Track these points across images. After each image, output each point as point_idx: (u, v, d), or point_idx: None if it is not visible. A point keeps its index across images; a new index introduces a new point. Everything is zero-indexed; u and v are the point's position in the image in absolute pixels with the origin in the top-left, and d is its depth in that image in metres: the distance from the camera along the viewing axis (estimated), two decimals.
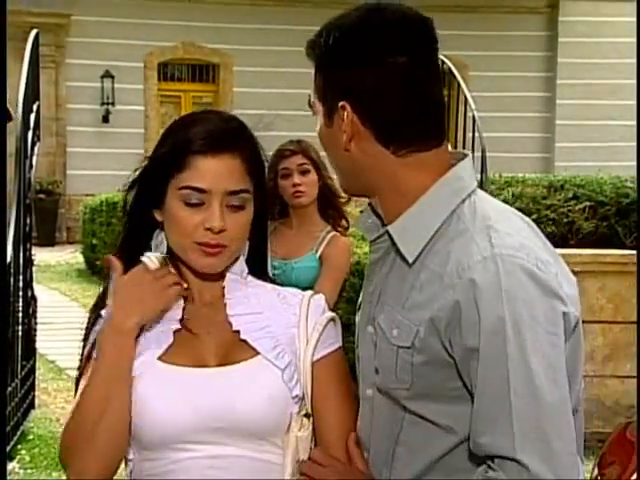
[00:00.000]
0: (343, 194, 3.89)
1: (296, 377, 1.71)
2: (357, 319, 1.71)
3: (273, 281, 1.88)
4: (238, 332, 1.74)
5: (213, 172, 1.70)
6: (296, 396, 1.70)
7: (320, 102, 1.63)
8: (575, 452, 1.46)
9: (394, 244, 1.60)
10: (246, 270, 1.82)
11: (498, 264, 1.47)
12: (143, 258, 1.72)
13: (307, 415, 1.72)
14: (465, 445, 1.53)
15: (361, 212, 1.72)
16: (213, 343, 1.74)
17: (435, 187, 1.58)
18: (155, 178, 1.74)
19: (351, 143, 1.58)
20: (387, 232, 1.61)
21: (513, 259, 1.48)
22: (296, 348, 1.74)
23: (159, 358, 1.71)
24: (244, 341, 1.73)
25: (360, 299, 1.72)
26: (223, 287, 1.79)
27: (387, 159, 1.58)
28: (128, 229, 1.82)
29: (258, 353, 1.71)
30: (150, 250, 1.77)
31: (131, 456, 1.74)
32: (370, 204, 1.69)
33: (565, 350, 1.49)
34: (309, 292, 1.83)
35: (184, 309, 1.77)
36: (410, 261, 1.57)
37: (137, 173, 1.80)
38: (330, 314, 1.79)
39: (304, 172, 3.88)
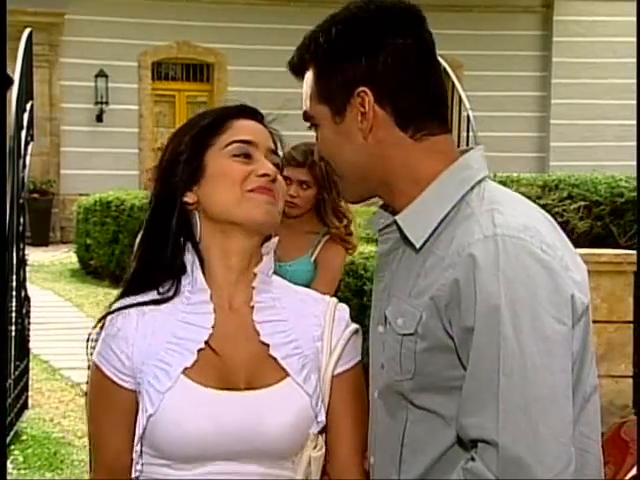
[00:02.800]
0: (347, 218, 3.85)
1: (321, 400, 1.71)
2: (370, 323, 1.69)
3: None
4: (266, 344, 1.72)
5: (254, 128, 1.78)
6: (320, 421, 1.70)
7: (323, 103, 1.61)
8: (567, 443, 1.43)
9: (402, 234, 1.59)
10: (272, 268, 1.79)
11: (498, 244, 1.46)
12: None
13: (322, 430, 1.71)
14: None
15: (373, 214, 1.71)
16: (241, 361, 1.70)
17: (443, 175, 1.58)
18: (191, 152, 1.73)
19: (370, 133, 1.58)
20: (395, 222, 1.60)
21: (515, 240, 1.47)
22: (319, 363, 1.74)
23: (185, 374, 1.68)
24: (272, 356, 1.71)
25: (372, 299, 1.70)
26: (253, 288, 1.75)
27: (405, 144, 1.58)
28: (154, 215, 1.77)
29: (287, 374, 1.70)
30: (173, 233, 1.73)
31: (142, 462, 1.70)
32: (382, 205, 1.69)
33: (573, 336, 1.47)
34: (333, 300, 1.81)
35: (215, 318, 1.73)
36: (417, 246, 1.56)
37: (166, 159, 1.77)
38: (353, 327, 1.78)
39: (304, 186, 3.84)
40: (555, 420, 1.42)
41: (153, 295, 1.75)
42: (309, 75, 1.63)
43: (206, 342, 1.70)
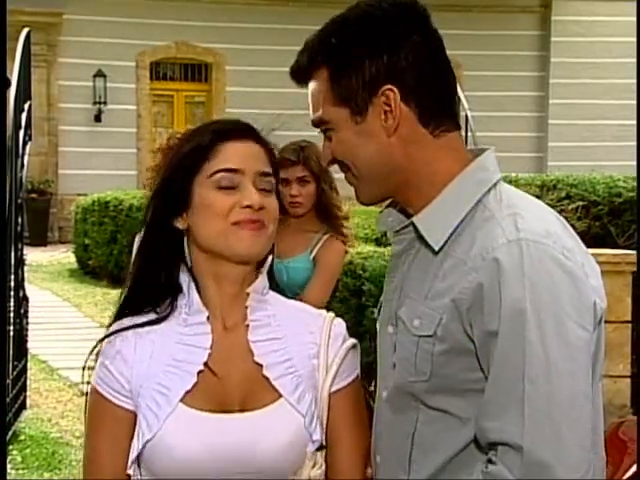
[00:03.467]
0: (342, 211, 3.86)
1: (316, 419, 1.70)
2: (377, 323, 1.69)
3: (277, 284, 1.84)
4: (259, 364, 1.71)
5: (242, 153, 1.72)
6: (316, 440, 1.69)
7: (341, 104, 1.59)
8: (588, 448, 1.44)
9: (419, 235, 1.59)
10: (267, 286, 1.78)
11: (523, 248, 1.47)
12: None
13: (320, 448, 1.71)
14: None
15: (380, 212, 1.70)
16: (236, 381, 1.70)
17: (460, 177, 1.58)
18: (179, 178, 1.72)
19: (395, 131, 1.57)
20: (412, 223, 1.60)
21: (539, 245, 1.47)
22: (316, 380, 1.73)
23: (184, 399, 1.67)
24: (266, 377, 1.70)
25: (381, 298, 1.70)
26: (246, 307, 1.74)
27: (426, 141, 1.58)
28: (147, 237, 1.77)
29: (280, 395, 1.69)
30: (164, 256, 1.73)
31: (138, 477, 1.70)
32: (390, 204, 1.68)
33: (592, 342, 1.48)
34: (330, 315, 1.80)
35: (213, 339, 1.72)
36: (436, 249, 1.56)
37: (157, 182, 1.76)
38: (350, 342, 1.77)
39: (303, 183, 3.85)
40: (577, 424, 1.43)
41: (150, 316, 1.75)
42: (319, 79, 1.61)
43: (205, 364, 1.70)
